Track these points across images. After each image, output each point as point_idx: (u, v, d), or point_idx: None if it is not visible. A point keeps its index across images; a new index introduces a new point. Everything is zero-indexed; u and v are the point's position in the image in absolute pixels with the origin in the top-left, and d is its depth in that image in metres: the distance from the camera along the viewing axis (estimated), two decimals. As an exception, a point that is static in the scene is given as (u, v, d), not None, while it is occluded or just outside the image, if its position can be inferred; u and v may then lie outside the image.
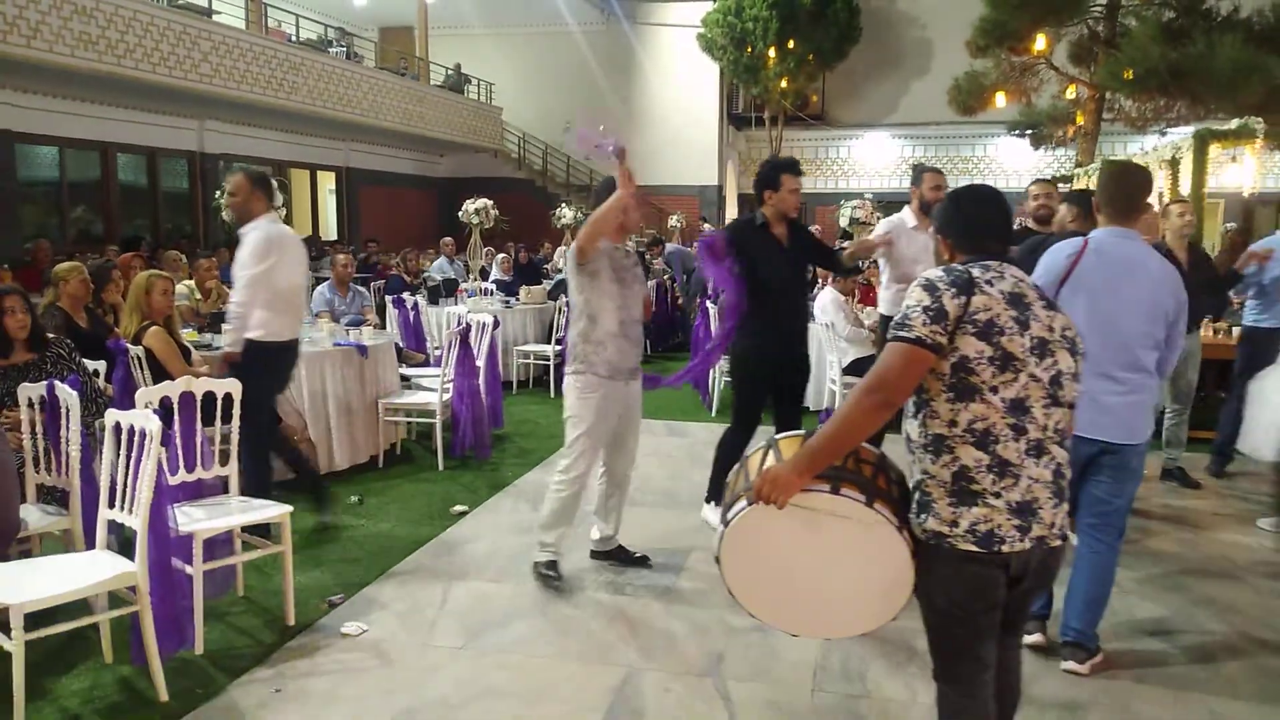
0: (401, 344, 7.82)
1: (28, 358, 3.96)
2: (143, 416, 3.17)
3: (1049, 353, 2.11)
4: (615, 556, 4.37)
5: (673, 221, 19.45)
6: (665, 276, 13.09)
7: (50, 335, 4.22)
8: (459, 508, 5.21)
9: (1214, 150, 7.01)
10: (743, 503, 2.24)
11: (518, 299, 9.77)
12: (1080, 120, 15.89)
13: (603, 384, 4.01)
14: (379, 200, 20.15)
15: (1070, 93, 15.82)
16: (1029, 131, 18.51)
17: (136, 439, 3.16)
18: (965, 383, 2.07)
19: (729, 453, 4.60)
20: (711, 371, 7.87)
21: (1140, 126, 16.27)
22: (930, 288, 2.11)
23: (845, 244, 5.21)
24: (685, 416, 7.76)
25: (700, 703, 3.15)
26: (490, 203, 11.11)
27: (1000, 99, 16.00)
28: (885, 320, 5.37)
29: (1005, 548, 2.08)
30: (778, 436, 2.39)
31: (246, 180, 4.65)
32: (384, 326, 8.40)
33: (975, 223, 2.26)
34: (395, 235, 18.50)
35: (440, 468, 6.05)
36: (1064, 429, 2.15)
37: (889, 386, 2.07)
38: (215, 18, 14.10)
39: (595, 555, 4.40)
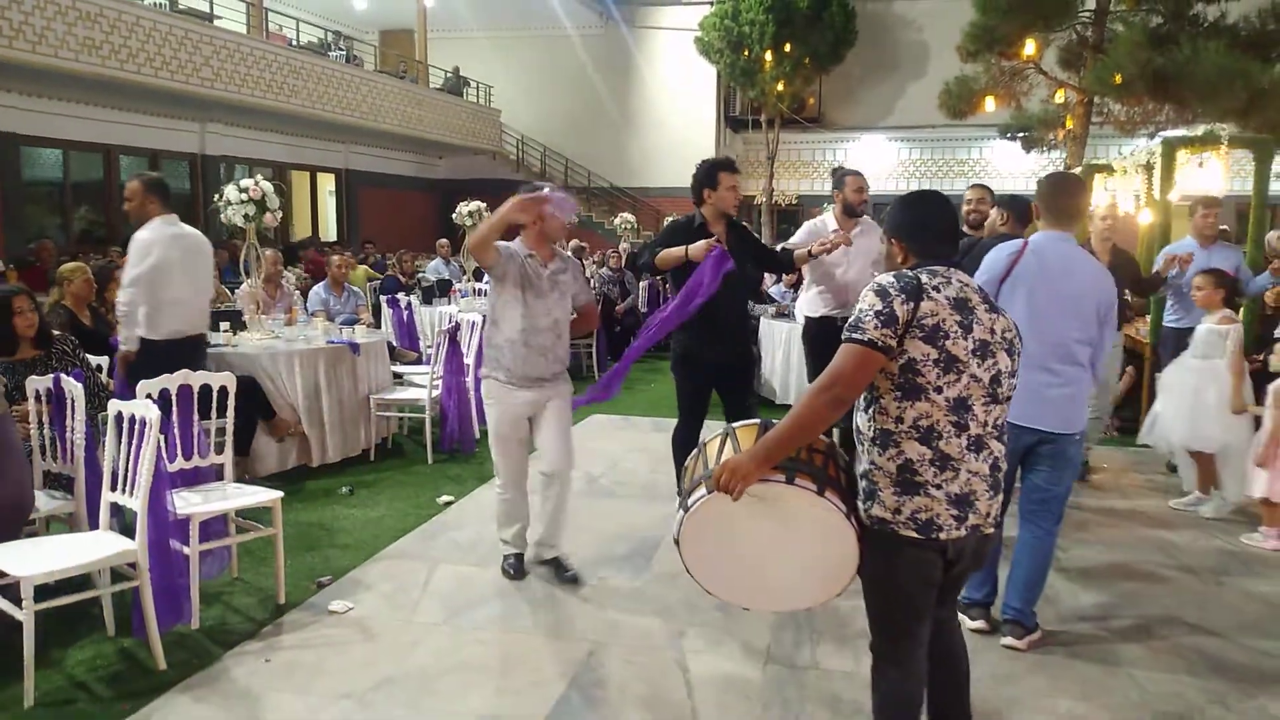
0: (395, 343, 8.06)
1: (34, 354, 4.20)
2: (143, 406, 3.41)
3: (990, 354, 2.27)
4: (549, 565, 4.31)
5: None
6: (658, 278, 13.29)
7: (56, 333, 4.46)
8: (445, 498, 5.44)
9: (1183, 155, 7.22)
10: (702, 490, 2.37)
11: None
12: (1070, 124, 16.09)
13: (503, 389, 4.07)
14: (378, 202, 20.41)
15: (1059, 97, 16.02)
16: (1020, 135, 18.72)
17: (137, 427, 3.40)
18: (912, 383, 2.23)
19: (683, 446, 4.72)
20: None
21: (1129, 130, 16.48)
22: (882, 293, 2.24)
23: (787, 244, 5.23)
24: (671, 413, 7.98)
25: (659, 674, 3.38)
26: (484, 205, 11.33)
27: (990, 103, 16.19)
28: (808, 321, 5.49)
29: (943, 535, 2.25)
30: (734, 425, 2.51)
31: (141, 185, 4.96)
32: (379, 325, 8.64)
33: (924, 227, 2.40)
34: (394, 236, 18.75)
35: (429, 461, 6.29)
36: (1001, 424, 2.33)
37: (842, 384, 2.22)
38: (217, 22, 14.37)
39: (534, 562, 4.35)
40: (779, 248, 5.20)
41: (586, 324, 4.60)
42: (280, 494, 3.96)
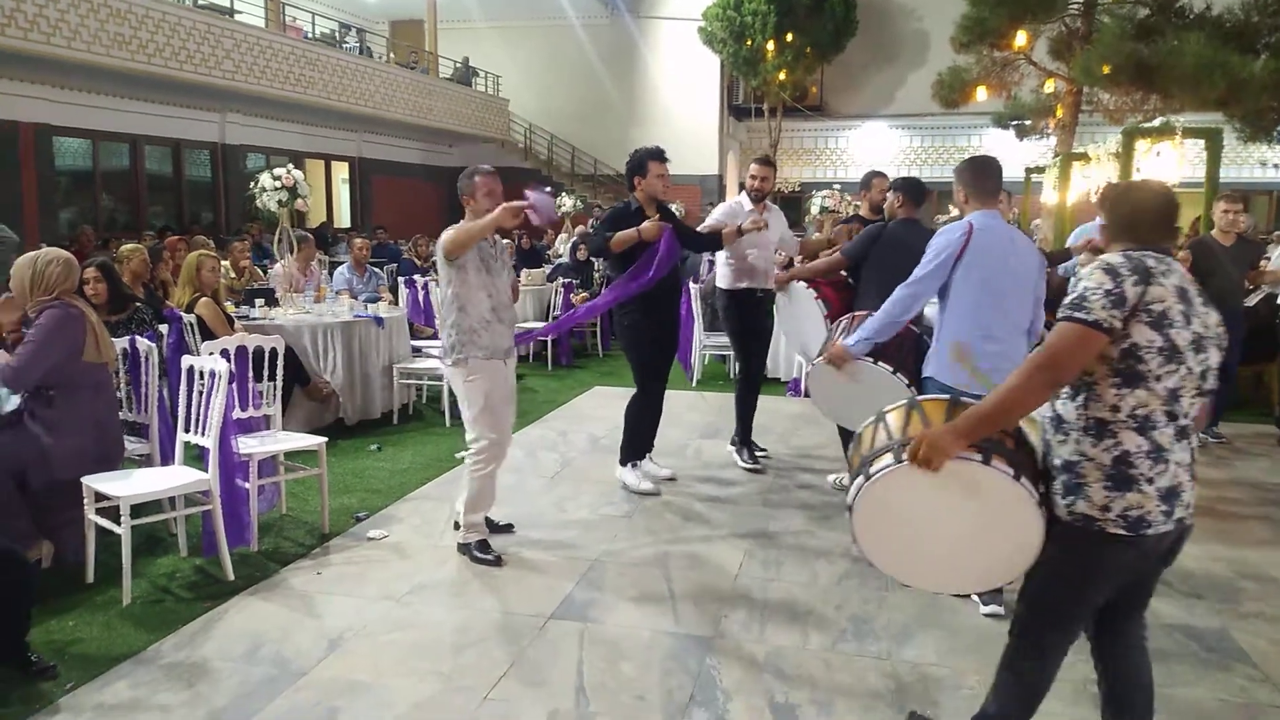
0: (412, 320, 8.69)
1: (111, 318, 4.84)
2: (213, 360, 4.06)
3: (1203, 348, 2.21)
4: (502, 531, 4.57)
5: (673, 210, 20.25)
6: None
7: (138, 303, 5.10)
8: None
9: (1142, 145, 7.80)
10: (888, 459, 2.34)
11: (519, 280, 10.61)
12: (1060, 113, 16.60)
13: (484, 365, 4.21)
14: (390, 189, 21.04)
15: (1049, 86, 16.51)
16: (1013, 123, 19.22)
17: (208, 378, 4.05)
18: (1133, 369, 2.15)
19: (638, 415, 5.30)
20: (693, 348, 8.72)
21: (1118, 119, 16.95)
22: (1112, 272, 2.15)
23: (708, 223, 5.65)
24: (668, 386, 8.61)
25: (648, 580, 4.04)
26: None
27: (982, 93, 16.69)
28: (724, 294, 5.82)
29: (1150, 531, 2.19)
30: (920, 399, 2.53)
31: None
32: (397, 304, 9.26)
33: (1144, 215, 2.31)
34: (406, 223, 19.37)
35: (447, 424, 6.93)
36: (1198, 416, 2.29)
37: (1058, 365, 2.15)
38: (236, 17, 14.98)
39: (459, 526, 4.41)
40: (700, 228, 5.68)
41: (513, 297, 4.70)
42: (324, 439, 4.62)
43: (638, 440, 5.39)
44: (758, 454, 5.92)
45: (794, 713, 3.04)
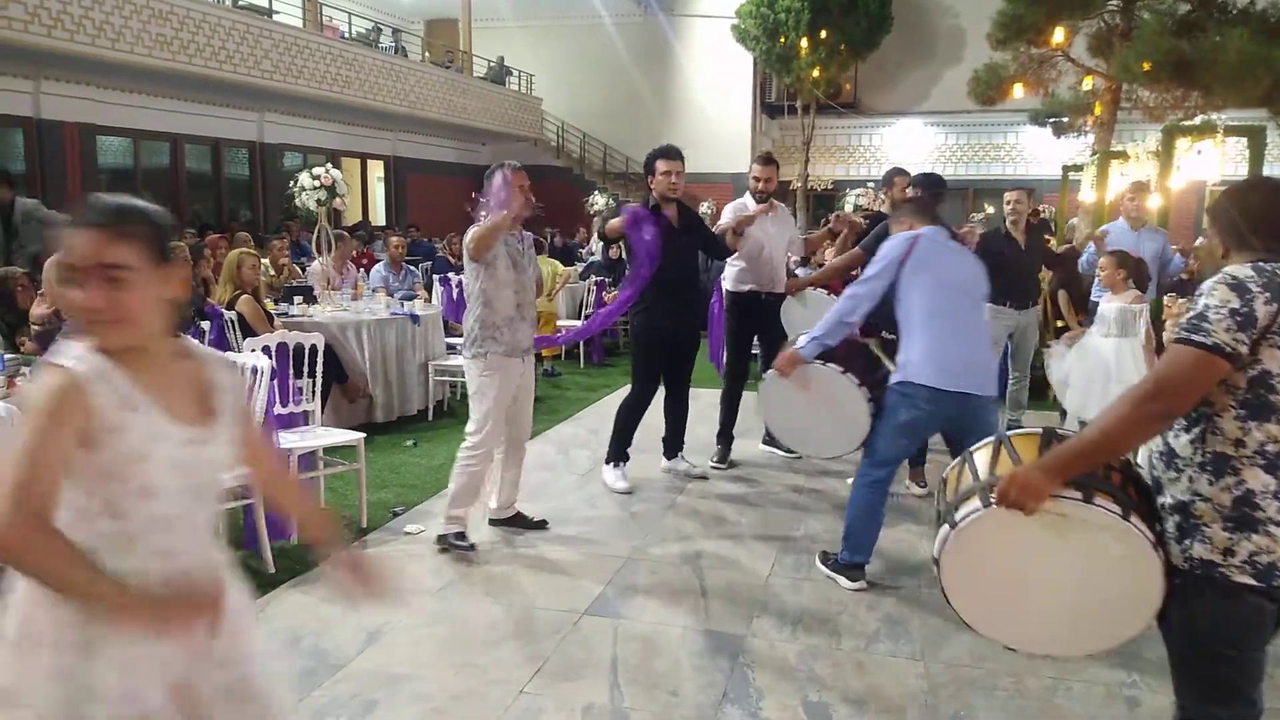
0: (446, 317, 8.78)
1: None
2: (255, 357, 4.14)
3: None
4: (514, 523, 4.65)
5: (703, 209, 20.27)
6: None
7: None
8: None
9: (1182, 143, 7.68)
10: (975, 504, 2.10)
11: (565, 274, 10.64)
12: (1098, 110, 16.39)
13: (502, 363, 4.27)
14: (424, 187, 21.21)
15: (1087, 83, 16.32)
16: (1050, 121, 19.01)
17: (250, 374, 4.13)
18: (1262, 400, 1.87)
19: (629, 415, 5.32)
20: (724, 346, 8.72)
21: (1158, 116, 16.72)
22: (1239, 288, 1.85)
23: (719, 226, 5.58)
24: (697, 384, 8.65)
25: (679, 578, 4.08)
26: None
27: (1018, 90, 16.53)
28: (729, 294, 5.84)
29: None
30: (1010, 433, 2.28)
31: None
32: (432, 301, 9.36)
33: (1277, 218, 1.99)
34: (439, 221, 19.52)
35: (481, 421, 6.99)
36: None
37: (1171, 395, 1.87)
38: (275, 17, 15.17)
39: (493, 523, 4.65)
40: (715, 228, 5.61)
41: (537, 293, 4.77)
42: (363, 435, 4.70)
43: (622, 439, 5.37)
44: (711, 461, 5.84)
45: (827, 712, 3.06)
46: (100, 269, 1.53)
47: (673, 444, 5.64)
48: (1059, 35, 15.54)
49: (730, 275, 5.81)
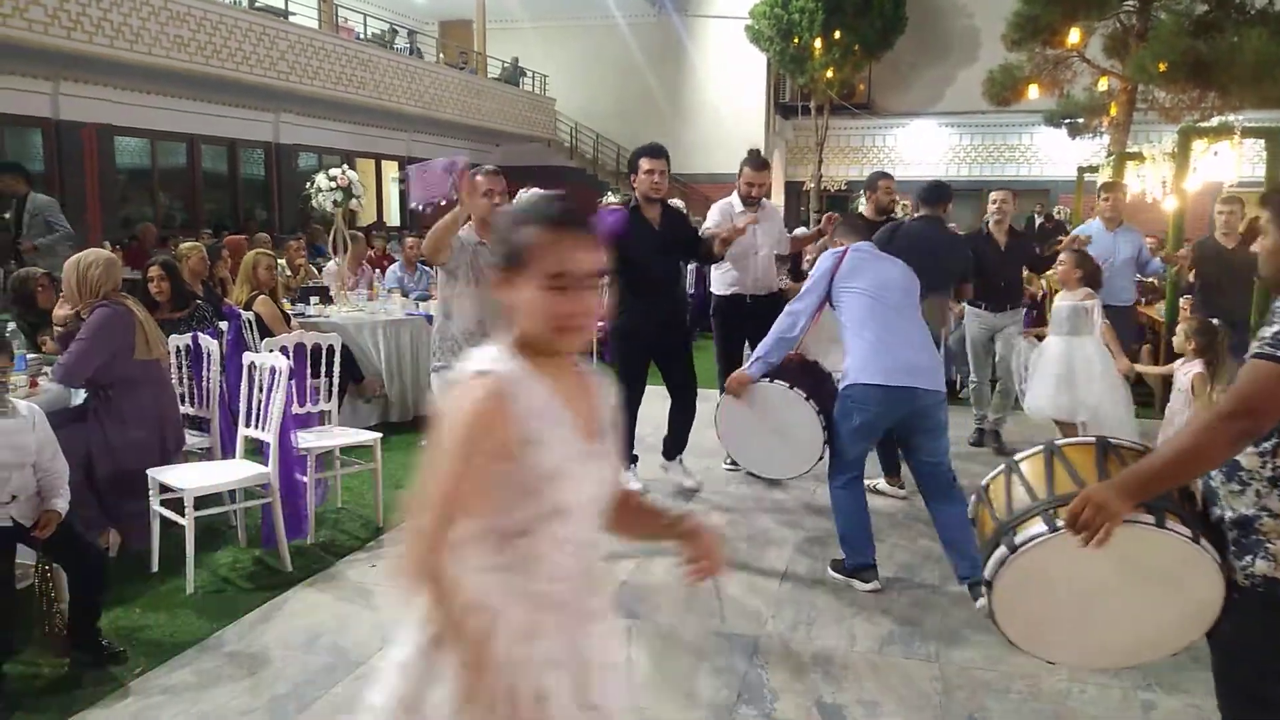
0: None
1: (173, 315, 4.99)
2: (274, 357, 4.18)
3: None
4: None
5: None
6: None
7: (199, 300, 5.26)
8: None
9: (1199, 144, 7.66)
10: (1040, 526, 2.00)
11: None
12: (1113, 111, 16.32)
13: None
14: (438, 188, 21.27)
15: (1103, 84, 16.24)
16: (1066, 121, 18.92)
17: (268, 374, 4.16)
18: None
19: (623, 420, 5.10)
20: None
21: (1174, 117, 16.64)
22: None
23: (705, 230, 5.30)
24: (709, 383, 8.67)
25: (695, 581, 4.08)
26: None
27: (1033, 91, 16.46)
28: (717, 299, 5.65)
29: None
30: (1060, 443, 2.18)
31: None
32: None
33: None
34: (454, 221, 19.57)
35: (495, 421, 7.02)
36: None
37: (1255, 414, 1.78)
38: (291, 18, 15.26)
39: None
40: (702, 231, 5.35)
41: None
42: (379, 434, 4.73)
43: (623, 443, 5.17)
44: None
45: (841, 713, 3.07)
46: (593, 276, 1.52)
47: (672, 447, 5.45)
48: (1074, 36, 15.48)
49: (716, 277, 5.64)
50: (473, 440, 1.42)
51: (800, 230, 6.87)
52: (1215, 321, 4.98)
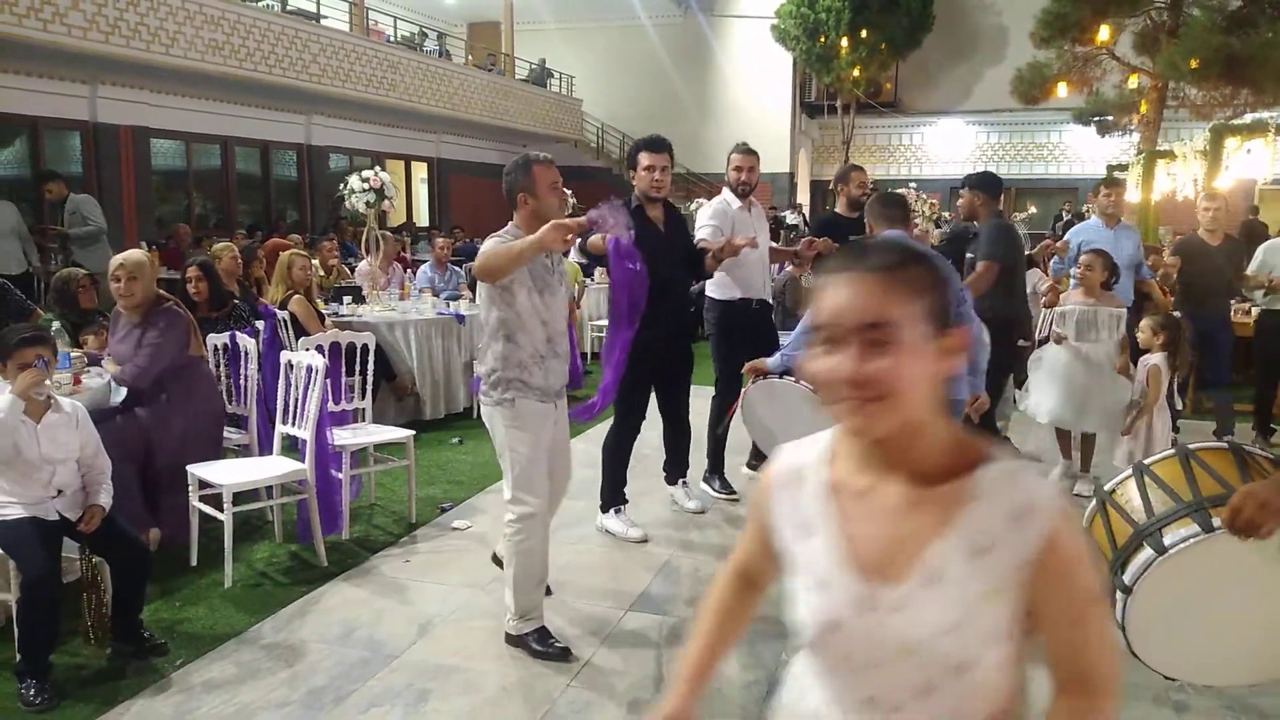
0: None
1: (212, 315, 5.09)
2: (310, 356, 4.26)
3: None
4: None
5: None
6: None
7: (237, 300, 5.37)
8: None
9: (1231, 142, 7.60)
10: (1192, 527, 1.96)
11: (593, 279, 10.65)
12: (1144, 109, 16.16)
13: (534, 410, 3.36)
14: (467, 189, 21.42)
15: (1133, 82, 16.08)
16: (1095, 119, 18.75)
17: (305, 373, 4.25)
18: None
19: (616, 450, 4.62)
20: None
21: (1205, 115, 16.45)
22: None
23: (701, 240, 4.77)
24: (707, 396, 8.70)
25: (710, 575, 4.10)
26: (569, 192, 12.12)
27: (1062, 89, 16.33)
28: (714, 303, 5.07)
29: None
30: (1193, 447, 2.14)
31: None
32: (476, 301, 9.47)
33: None
34: (482, 222, 19.72)
35: (525, 419, 7.09)
36: None
37: None
38: (322, 21, 15.43)
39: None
40: (696, 242, 4.79)
41: (570, 319, 4.09)
42: (413, 432, 4.80)
43: (616, 480, 4.69)
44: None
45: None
46: (865, 329, 1.11)
47: (674, 470, 5.06)
48: (1104, 33, 15.34)
49: (714, 282, 5.01)
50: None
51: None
52: (1176, 314, 4.98)
